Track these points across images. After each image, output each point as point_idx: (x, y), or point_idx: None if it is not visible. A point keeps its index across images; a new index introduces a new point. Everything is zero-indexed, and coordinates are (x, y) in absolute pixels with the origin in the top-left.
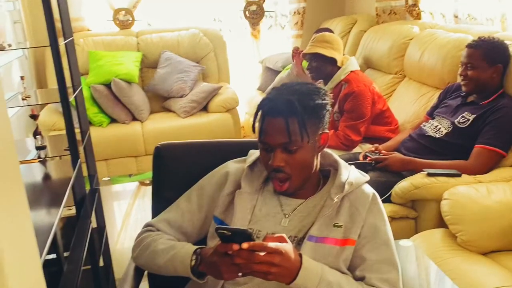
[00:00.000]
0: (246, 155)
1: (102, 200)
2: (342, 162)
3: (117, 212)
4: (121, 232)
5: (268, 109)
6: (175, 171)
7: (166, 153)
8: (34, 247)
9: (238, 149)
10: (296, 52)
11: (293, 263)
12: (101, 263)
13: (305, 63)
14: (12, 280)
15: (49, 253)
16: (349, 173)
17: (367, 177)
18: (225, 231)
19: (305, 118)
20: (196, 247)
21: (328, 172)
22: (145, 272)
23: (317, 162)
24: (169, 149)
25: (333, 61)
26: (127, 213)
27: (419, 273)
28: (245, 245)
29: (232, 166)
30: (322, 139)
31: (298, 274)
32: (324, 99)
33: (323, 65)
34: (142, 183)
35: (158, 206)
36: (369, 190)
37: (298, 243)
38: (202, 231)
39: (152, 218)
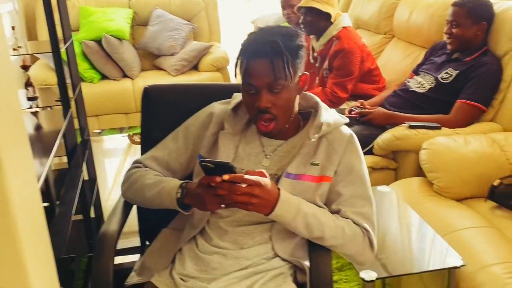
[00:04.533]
0: (231, 98)
1: (93, 156)
2: (322, 104)
3: (108, 169)
4: (113, 189)
5: (252, 50)
6: (162, 111)
7: (154, 94)
8: (37, 192)
9: (223, 92)
10: None
11: (272, 195)
12: (93, 215)
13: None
14: (21, 223)
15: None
16: (329, 115)
17: (346, 119)
18: (208, 164)
19: (289, 58)
20: (182, 181)
21: (309, 114)
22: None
23: (296, 103)
24: (157, 91)
25: (327, 16)
26: (118, 170)
27: (395, 216)
28: (226, 177)
29: (217, 107)
30: (302, 80)
31: (276, 205)
32: (302, 41)
33: (317, 20)
34: (133, 141)
35: (146, 144)
36: (346, 131)
37: (278, 180)
38: (188, 169)
39: (141, 156)
